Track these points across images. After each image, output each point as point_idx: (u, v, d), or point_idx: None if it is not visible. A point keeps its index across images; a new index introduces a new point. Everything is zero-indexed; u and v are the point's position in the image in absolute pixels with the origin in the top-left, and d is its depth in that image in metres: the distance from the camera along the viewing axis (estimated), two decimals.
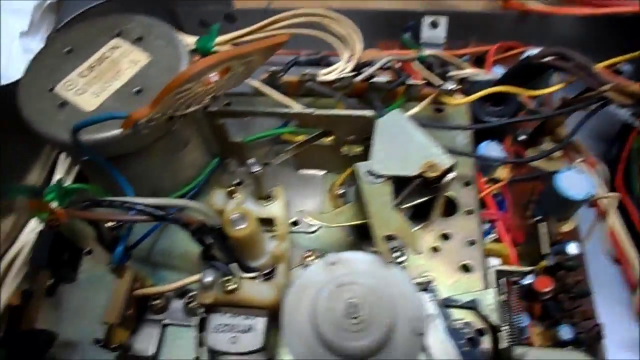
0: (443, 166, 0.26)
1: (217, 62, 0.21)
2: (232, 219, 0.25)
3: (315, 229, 0.33)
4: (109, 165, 0.28)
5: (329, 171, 0.35)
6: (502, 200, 0.42)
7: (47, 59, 0.30)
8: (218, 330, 0.25)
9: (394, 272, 0.25)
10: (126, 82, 0.29)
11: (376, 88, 0.33)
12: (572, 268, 0.38)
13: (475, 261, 0.32)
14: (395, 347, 0.23)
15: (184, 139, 0.31)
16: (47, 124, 0.28)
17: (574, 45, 0.51)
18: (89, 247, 0.34)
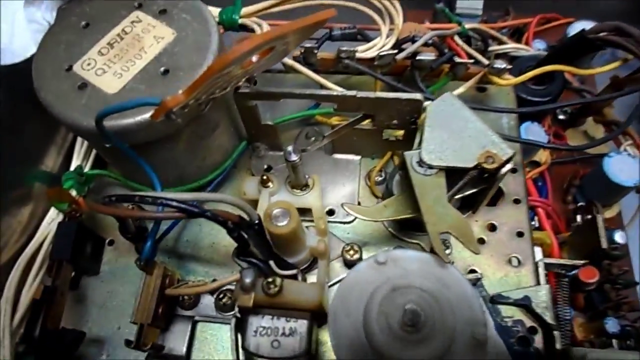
0: (503, 157, 0.24)
1: (264, 42, 0.19)
2: (274, 215, 0.23)
3: (351, 219, 0.31)
4: (133, 154, 0.25)
5: (364, 156, 0.33)
6: (543, 186, 0.39)
7: (62, 34, 0.27)
8: (258, 334, 0.24)
9: (450, 272, 0.23)
10: (151, 61, 0.26)
11: (420, 66, 0.30)
12: (618, 257, 0.36)
13: (524, 254, 0.30)
14: (457, 353, 0.21)
15: (213, 123, 0.29)
16: (67, 109, 0.25)
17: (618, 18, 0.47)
18: (112, 237, 0.32)
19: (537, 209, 0.37)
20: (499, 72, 0.30)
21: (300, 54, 0.30)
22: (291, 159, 0.25)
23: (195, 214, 0.22)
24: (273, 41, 0.20)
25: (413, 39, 0.31)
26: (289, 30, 0.20)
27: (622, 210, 0.40)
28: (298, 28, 0.20)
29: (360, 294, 0.22)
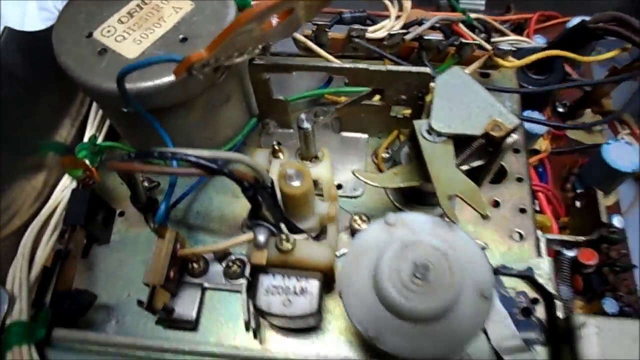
0: (509, 125, 0.25)
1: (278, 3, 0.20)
2: (289, 174, 0.24)
3: (359, 193, 0.32)
4: (152, 117, 0.26)
5: (371, 134, 0.33)
6: (543, 172, 0.40)
7: (83, 4, 0.28)
8: (270, 293, 0.24)
9: (458, 233, 0.24)
10: (170, 30, 0.27)
11: (427, 47, 0.31)
12: (616, 241, 0.37)
13: (526, 230, 0.31)
14: (462, 310, 0.22)
15: (226, 94, 0.29)
16: (88, 72, 0.26)
17: None
18: (122, 208, 0.32)
19: (538, 194, 0.38)
20: (504, 54, 0.31)
21: (313, 32, 0.31)
22: (303, 126, 0.26)
23: (214, 170, 0.23)
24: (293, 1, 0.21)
25: (421, 22, 0.32)
26: None
27: (619, 199, 0.41)
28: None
29: (371, 253, 0.23)
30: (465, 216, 0.31)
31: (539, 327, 0.28)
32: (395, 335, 0.22)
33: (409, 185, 0.26)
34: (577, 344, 0.25)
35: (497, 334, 0.27)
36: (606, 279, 0.36)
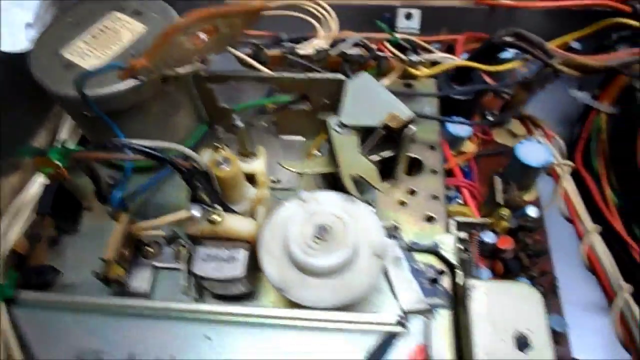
0: (404, 117, 0.30)
1: (206, 16, 0.25)
2: (218, 161, 0.29)
3: (294, 186, 0.36)
4: (109, 120, 0.31)
5: (307, 137, 0.39)
6: (469, 172, 0.45)
7: (56, 30, 0.34)
8: (204, 260, 0.29)
9: (359, 206, 0.29)
10: (125, 48, 0.32)
11: (350, 61, 0.37)
12: (531, 229, 0.41)
13: (438, 213, 0.35)
14: (359, 267, 0.27)
15: (176, 103, 0.35)
16: (55, 83, 0.31)
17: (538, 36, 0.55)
18: (90, 203, 0.37)
19: (462, 189, 0.43)
20: (414, 64, 0.37)
21: (252, 50, 0.37)
22: (236, 124, 0.31)
23: (156, 157, 0.28)
24: (214, 17, 0.26)
25: (345, 40, 0.37)
26: (225, 11, 0.26)
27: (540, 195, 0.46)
28: (233, 11, 0.27)
29: (285, 223, 0.28)
30: (385, 203, 0.35)
31: (444, 293, 0.32)
32: (300, 288, 0.26)
33: (323, 171, 0.31)
34: (468, 303, 0.29)
35: (407, 299, 0.31)
36: (521, 263, 0.41)
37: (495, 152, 0.48)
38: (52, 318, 0.26)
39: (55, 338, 0.25)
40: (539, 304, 0.29)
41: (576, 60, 0.36)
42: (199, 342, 0.25)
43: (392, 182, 0.36)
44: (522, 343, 0.28)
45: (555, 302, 0.40)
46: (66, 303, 0.26)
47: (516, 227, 0.42)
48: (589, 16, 0.52)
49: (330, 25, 0.38)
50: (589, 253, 0.37)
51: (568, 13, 0.53)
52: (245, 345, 0.24)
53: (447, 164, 0.43)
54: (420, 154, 0.38)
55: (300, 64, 0.37)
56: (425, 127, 0.39)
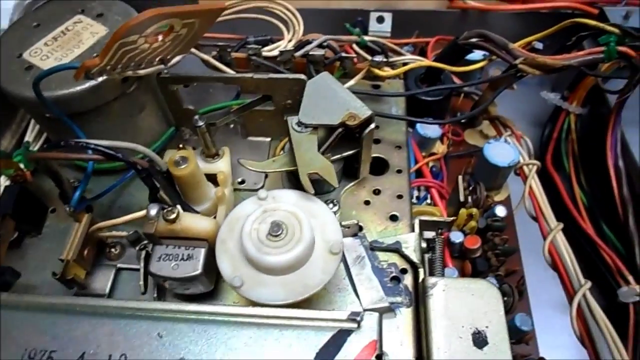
0: (362, 116, 0.30)
1: (157, 14, 0.25)
2: (176, 160, 0.29)
3: (259, 186, 0.36)
4: (69, 121, 0.31)
5: (273, 138, 0.39)
6: (439, 172, 0.46)
7: (17, 31, 0.34)
8: (161, 259, 0.28)
9: (316, 203, 0.29)
10: (86, 50, 0.32)
11: (313, 61, 0.37)
12: (499, 229, 0.42)
13: (402, 212, 0.35)
14: (314, 264, 0.27)
15: (139, 104, 0.35)
16: (15, 85, 0.31)
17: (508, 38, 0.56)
18: (54, 205, 0.37)
19: (431, 189, 0.43)
20: (378, 65, 0.37)
21: (217, 52, 0.37)
22: (197, 124, 0.32)
23: (111, 156, 0.28)
24: (167, 17, 0.26)
25: (310, 42, 0.38)
26: (180, 10, 0.26)
27: (511, 195, 0.47)
28: (189, 10, 0.27)
29: (242, 220, 0.28)
30: (350, 203, 0.36)
31: (405, 292, 0.32)
32: (255, 286, 0.26)
33: (283, 169, 0.31)
34: (428, 300, 0.29)
35: (368, 297, 0.31)
36: (489, 262, 0.41)
37: (466, 153, 0.49)
38: (3, 317, 0.25)
39: (4, 337, 0.24)
40: (498, 301, 0.29)
41: (537, 60, 0.37)
42: (152, 340, 0.25)
43: (356, 182, 0.36)
44: (480, 340, 0.28)
45: (522, 302, 0.40)
46: (17, 302, 0.26)
47: (484, 226, 0.42)
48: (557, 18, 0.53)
49: (295, 27, 0.38)
50: (551, 251, 0.37)
51: (537, 15, 0.54)
52: (197, 343, 0.24)
53: (416, 165, 0.44)
54: (386, 153, 0.38)
55: (265, 66, 0.37)
56: (391, 127, 0.39)
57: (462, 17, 0.56)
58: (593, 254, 0.42)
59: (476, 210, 0.41)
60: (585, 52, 0.36)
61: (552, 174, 0.48)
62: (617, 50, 0.35)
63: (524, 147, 0.45)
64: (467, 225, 0.41)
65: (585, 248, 0.43)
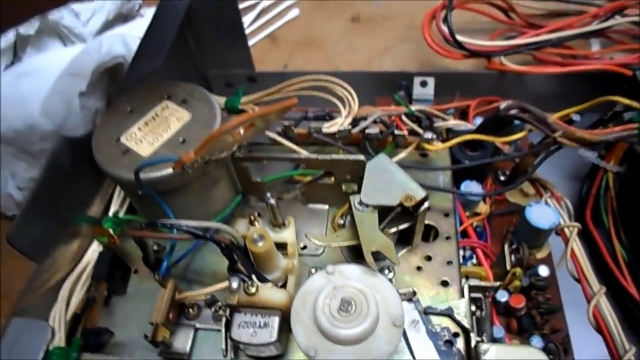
0: (418, 197, 0.34)
1: (245, 120, 0.30)
2: (254, 238, 0.33)
3: (320, 252, 0.40)
4: (159, 199, 0.36)
5: (331, 205, 0.43)
6: (483, 232, 0.48)
7: (114, 117, 0.39)
8: (241, 327, 0.32)
9: (379, 278, 0.32)
10: (174, 134, 0.37)
11: (369, 138, 0.41)
12: (542, 288, 0.44)
13: (452, 278, 0.38)
14: (379, 336, 0.30)
15: (215, 179, 0.39)
16: (114, 167, 0.36)
17: (545, 97, 0.59)
18: (136, 267, 0.41)
19: (476, 250, 0.46)
20: (428, 141, 0.41)
21: (282, 130, 0.42)
22: (269, 202, 0.36)
23: (198, 235, 0.32)
24: (253, 120, 0.31)
25: (365, 118, 0.42)
26: (263, 113, 0.31)
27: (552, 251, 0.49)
28: (269, 112, 0.31)
29: (314, 295, 0.31)
30: (403, 268, 0.39)
31: (458, 355, 0.35)
32: (328, 355, 0.29)
33: (347, 244, 0.35)
34: None
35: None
36: (534, 321, 0.43)
37: (508, 212, 0.51)
38: None
39: None
40: None
41: (576, 134, 0.40)
42: None
43: (409, 249, 0.39)
44: None
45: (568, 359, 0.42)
46: None
47: (528, 285, 0.45)
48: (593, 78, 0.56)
49: (351, 104, 0.42)
50: (596, 315, 0.39)
51: (573, 76, 0.57)
52: None
53: (462, 226, 0.47)
54: (435, 220, 0.41)
55: (324, 142, 0.41)
56: (439, 196, 0.42)
57: (500, 78, 0.59)
58: (637, 313, 0.44)
59: (520, 270, 0.43)
60: (621, 128, 0.39)
61: (591, 231, 0.50)
62: None
63: (564, 208, 0.47)
64: (512, 284, 0.44)
65: (629, 307, 0.45)
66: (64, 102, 0.60)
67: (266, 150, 0.46)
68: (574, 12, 0.69)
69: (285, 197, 0.39)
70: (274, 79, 0.60)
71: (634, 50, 0.62)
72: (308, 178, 0.42)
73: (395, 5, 0.78)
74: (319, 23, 0.77)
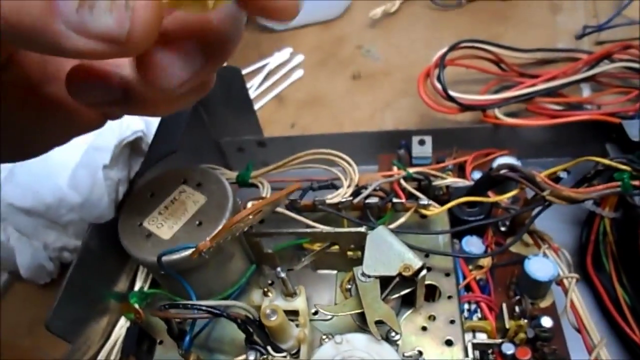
0: (415, 267, 0.37)
1: (255, 210, 0.33)
2: (267, 313, 0.36)
3: (330, 317, 0.43)
4: (180, 277, 0.39)
5: (339, 270, 0.46)
6: (486, 285, 0.51)
7: (136, 202, 0.43)
8: None
9: (384, 346, 0.35)
10: (190, 217, 0.41)
11: (369, 207, 0.44)
12: (547, 339, 0.46)
13: (455, 336, 0.41)
14: None
15: (230, 254, 0.43)
16: (139, 251, 0.40)
17: (539, 146, 0.62)
18: (161, 338, 0.45)
19: (480, 303, 0.48)
20: (424, 206, 0.44)
21: (289, 202, 0.45)
22: (280, 276, 0.39)
23: (217, 314, 0.35)
24: (261, 208, 0.34)
25: (365, 187, 0.45)
26: (269, 201, 0.34)
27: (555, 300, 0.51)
28: (275, 199, 0.35)
29: None
30: (409, 329, 0.41)
31: None
32: None
33: (353, 312, 0.38)
34: None
35: None
36: None
37: (509, 262, 0.53)
38: None
39: None
40: None
41: (562, 193, 0.43)
42: None
43: (413, 310, 0.42)
44: None
45: None
46: None
47: (533, 336, 0.46)
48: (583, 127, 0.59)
49: (351, 176, 0.46)
50: None
51: (564, 126, 0.60)
52: None
53: (464, 281, 0.49)
54: (436, 280, 0.44)
55: (328, 211, 0.45)
56: (440, 256, 0.45)
57: (495, 130, 0.63)
58: None
59: (524, 322, 0.45)
60: (603, 187, 0.42)
61: (592, 277, 0.52)
62: (631, 184, 0.41)
63: (562, 259, 0.49)
64: (517, 337, 0.46)
65: (635, 352, 0.46)
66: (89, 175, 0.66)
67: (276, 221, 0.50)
68: (562, 59, 0.73)
69: (295, 268, 0.42)
70: (281, 143, 0.64)
71: (623, 93, 0.65)
72: (316, 246, 0.45)
73: (393, 60, 0.83)
74: (322, 82, 0.82)
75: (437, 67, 0.64)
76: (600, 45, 0.75)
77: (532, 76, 0.68)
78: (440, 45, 0.65)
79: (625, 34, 0.72)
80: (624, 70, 0.67)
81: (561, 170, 0.46)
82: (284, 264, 0.45)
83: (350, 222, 0.45)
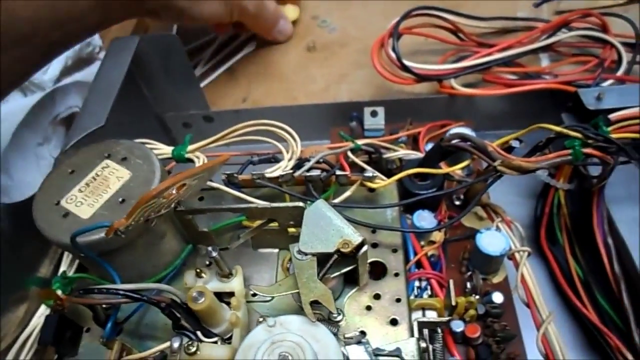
0: (355, 242, 0.34)
1: (173, 183, 0.30)
2: (194, 296, 0.33)
3: (269, 298, 0.40)
4: (100, 260, 0.36)
5: (281, 249, 0.43)
6: (437, 261, 0.49)
7: (54, 179, 0.39)
8: None
9: (319, 328, 0.32)
10: (113, 194, 0.37)
11: (311, 181, 0.41)
12: (497, 315, 0.45)
13: (401, 316, 0.39)
14: None
15: (160, 233, 0.39)
16: (54, 232, 0.36)
17: (496, 117, 0.60)
18: (88, 325, 0.41)
19: (431, 280, 0.46)
20: (370, 179, 0.41)
21: (226, 177, 0.42)
22: (212, 256, 0.36)
23: (136, 298, 0.32)
24: (181, 181, 0.31)
25: (307, 159, 0.42)
26: (191, 173, 0.31)
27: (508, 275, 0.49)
28: (199, 170, 0.31)
29: (254, 349, 0.31)
30: (353, 309, 0.39)
31: None
32: None
33: (289, 293, 0.35)
34: None
35: None
36: (491, 349, 0.43)
37: (463, 237, 0.52)
38: None
39: None
40: None
41: (513, 163, 0.41)
42: None
43: (357, 288, 0.40)
44: None
45: None
46: None
47: (484, 313, 0.45)
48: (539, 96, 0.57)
49: (293, 148, 0.43)
50: (544, 342, 0.39)
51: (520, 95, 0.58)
52: None
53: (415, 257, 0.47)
54: (383, 257, 0.42)
55: (268, 186, 0.42)
56: (388, 232, 0.43)
57: (451, 101, 0.61)
58: (594, 331, 0.44)
59: (474, 299, 0.44)
60: (554, 155, 0.40)
61: (545, 251, 0.51)
62: (582, 152, 0.39)
63: (515, 233, 0.48)
64: (467, 314, 0.44)
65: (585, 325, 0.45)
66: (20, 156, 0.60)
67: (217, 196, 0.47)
68: (522, 29, 0.71)
69: (232, 246, 0.39)
70: (229, 117, 0.60)
71: (581, 63, 0.64)
72: (255, 223, 0.42)
73: (350, 31, 0.79)
74: (276, 54, 0.78)
75: (392, 36, 0.61)
76: (560, 14, 0.73)
77: (490, 46, 0.66)
78: (398, 16, 0.62)
79: (585, 3, 0.71)
80: (583, 39, 0.66)
81: (513, 138, 0.44)
82: (224, 244, 0.42)
83: (292, 197, 0.42)
